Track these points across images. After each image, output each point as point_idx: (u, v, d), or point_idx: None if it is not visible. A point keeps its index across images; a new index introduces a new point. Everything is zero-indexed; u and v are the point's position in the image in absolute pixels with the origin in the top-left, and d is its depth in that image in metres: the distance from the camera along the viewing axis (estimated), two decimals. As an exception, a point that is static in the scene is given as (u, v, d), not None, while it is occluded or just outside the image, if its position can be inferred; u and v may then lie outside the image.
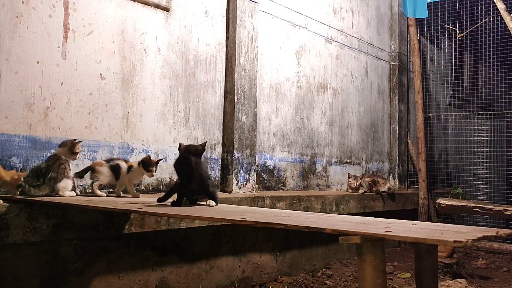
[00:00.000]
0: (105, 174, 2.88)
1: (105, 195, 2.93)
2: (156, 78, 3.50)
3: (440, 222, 4.47)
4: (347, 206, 4.67)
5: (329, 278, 4.12)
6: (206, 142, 2.77)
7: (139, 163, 2.96)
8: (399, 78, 6.14)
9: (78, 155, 2.79)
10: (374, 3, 5.90)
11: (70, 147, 2.73)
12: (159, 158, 3.36)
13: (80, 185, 3.04)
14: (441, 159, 6.73)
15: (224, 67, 4.01)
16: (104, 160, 2.96)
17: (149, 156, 3.02)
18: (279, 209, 3.77)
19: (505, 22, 5.36)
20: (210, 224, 3.40)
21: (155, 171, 3.00)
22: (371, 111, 5.81)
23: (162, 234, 3.22)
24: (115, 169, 2.91)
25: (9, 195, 2.55)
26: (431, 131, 6.42)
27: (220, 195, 3.74)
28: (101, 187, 2.91)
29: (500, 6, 5.33)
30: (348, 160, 5.39)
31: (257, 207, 3.65)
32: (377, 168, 5.91)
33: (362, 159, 5.63)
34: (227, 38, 4.03)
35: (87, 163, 2.98)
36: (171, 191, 2.59)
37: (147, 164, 2.94)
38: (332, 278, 4.11)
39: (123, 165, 2.95)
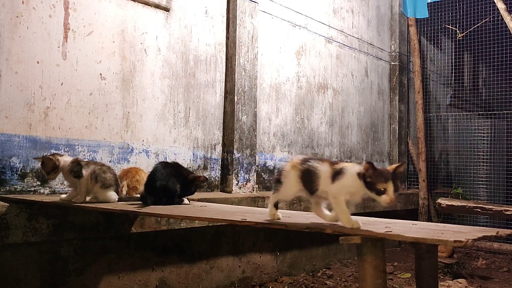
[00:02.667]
0: None
1: None
2: (156, 78, 3.50)
3: (440, 222, 4.47)
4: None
5: (329, 278, 4.11)
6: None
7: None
8: (399, 78, 6.14)
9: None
10: (374, 3, 5.90)
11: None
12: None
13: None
14: (441, 159, 6.73)
15: (224, 67, 4.00)
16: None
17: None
18: (279, 209, 3.76)
19: (505, 22, 5.36)
20: (210, 224, 3.40)
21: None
22: (371, 111, 5.80)
23: (162, 234, 3.22)
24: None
25: (11, 195, 2.55)
26: (431, 131, 6.42)
27: (220, 195, 3.75)
28: None
29: (500, 6, 5.32)
30: (348, 160, 5.39)
31: (257, 207, 3.65)
32: (377, 168, 5.90)
33: (362, 159, 5.62)
34: (227, 38, 4.03)
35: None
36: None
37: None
38: (332, 278, 4.11)
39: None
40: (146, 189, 2.62)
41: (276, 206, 1.99)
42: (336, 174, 1.77)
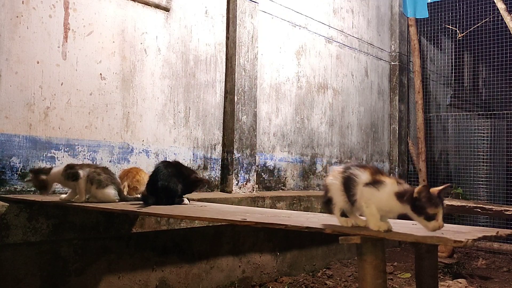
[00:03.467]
0: None
1: None
2: (156, 78, 3.50)
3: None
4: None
5: (329, 278, 4.11)
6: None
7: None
8: (399, 78, 6.14)
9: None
10: (374, 3, 5.90)
11: None
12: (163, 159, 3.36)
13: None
14: (441, 159, 6.73)
15: (224, 67, 4.00)
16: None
17: None
18: (279, 209, 3.77)
19: (505, 22, 5.36)
20: (210, 224, 3.40)
21: None
22: (371, 111, 5.80)
23: (162, 234, 3.22)
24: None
25: (11, 195, 2.55)
26: (431, 131, 6.42)
27: (220, 195, 3.75)
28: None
29: (500, 6, 5.32)
30: (348, 160, 5.39)
31: (257, 207, 3.65)
32: (377, 168, 5.90)
33: (362, 159, 5.62)
34: (227, 38, 4.03)
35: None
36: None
37: None
38: (332, 278, 4.11)
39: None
40: (148, 189, 2.62)
41: (343, 215, 1.81)
42: (374, 183, 1.69)
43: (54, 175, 2.51)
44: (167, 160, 3.38)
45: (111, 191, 2.55)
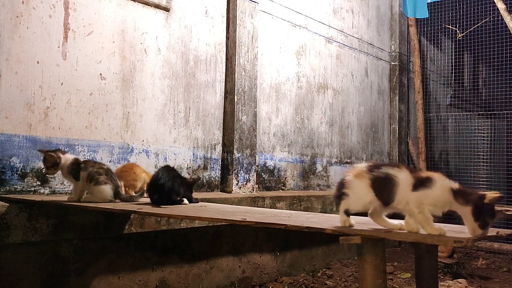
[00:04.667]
0: None
1: None
2: (156, 78, 3.50)
3: (440, 222, 4.46)
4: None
5: (329, 278, 4.11)
6: None
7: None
8: (399, 78, 6.14)
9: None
10: (374, 3, 5.90)
11: None
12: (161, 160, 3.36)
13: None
14: (441, 159, 6.73)
15: (224, 67, 4.00)
16: None
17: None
18: (279, 209, 3.77)
19: (505, 22, 5.36)
20: (210, 224, 3.39)
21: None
22: (371, 111, 5.80)
23: (162, 234, 3.22)
24: None
25: (11, 195, 2.55)
26: (431, 131, 6.42)
27: (220, 195, 3.75)
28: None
29: (500, 6, 5.32)
30: (348, 160, 5.39)
31: (257, 207, 3.65)
32: (377, 168, 5.90)
33: (362, 159, 5.62)
34: (227, 38, 4.03)
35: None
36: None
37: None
38: (332, 278, 4.10)
39: None
40: (150, 189, 2.66)
41: (347, 213, 1.78)
42: (421, 183, 1.62)
43: (64, 159, 2.53)
44: (167, 164, 3.41)
45: (106, 189, 2.55)
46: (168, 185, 2.60)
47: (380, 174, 1.68)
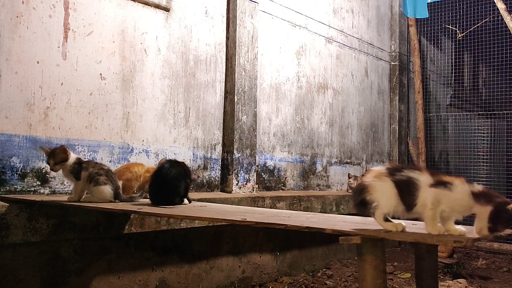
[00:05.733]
0: None
1: None
2: (156, 78, 3.50)
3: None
4: (348, 206, 4.67)
5: (329, 278, 4.11)
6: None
7: None
8: (399, 78, 6.14)
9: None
10: (374, 3, 5.90)
11: None
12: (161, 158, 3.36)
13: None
14: (441, 159, 6.73)
15: (224, 67, 4.00)
16: None
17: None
18: (279, 209, 3.77)
19: (505, 22, 5.36)
20: (210, 224, 3.40)
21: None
22: (371, 111, 5.80)
23: (162, 234, 3.22)
24: None
25: (11, 195, 2.55)
26: (431, 131, 6.42)
27: (220, 195, 3.75)
28: None
29: (500, 6, 5.32)
30: (348, 160, 5.39)
31: (257, 207, 3.65)
32: (377, 168, 5.90)
33: (362, 159, 5.63)
34: (227, 38, 4.03)
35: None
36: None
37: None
38: (332, 278, 4.10)
39: None
40: (151, 188, 2.63)
41: (386, 219, 1.70)
42: (443, 184, 1.60)
43: (70, 158, 2.54)
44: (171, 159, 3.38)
45: (106, 189, 2.55)
46: (170, 185, 2.57)
47: (403, 177, 1.64)
